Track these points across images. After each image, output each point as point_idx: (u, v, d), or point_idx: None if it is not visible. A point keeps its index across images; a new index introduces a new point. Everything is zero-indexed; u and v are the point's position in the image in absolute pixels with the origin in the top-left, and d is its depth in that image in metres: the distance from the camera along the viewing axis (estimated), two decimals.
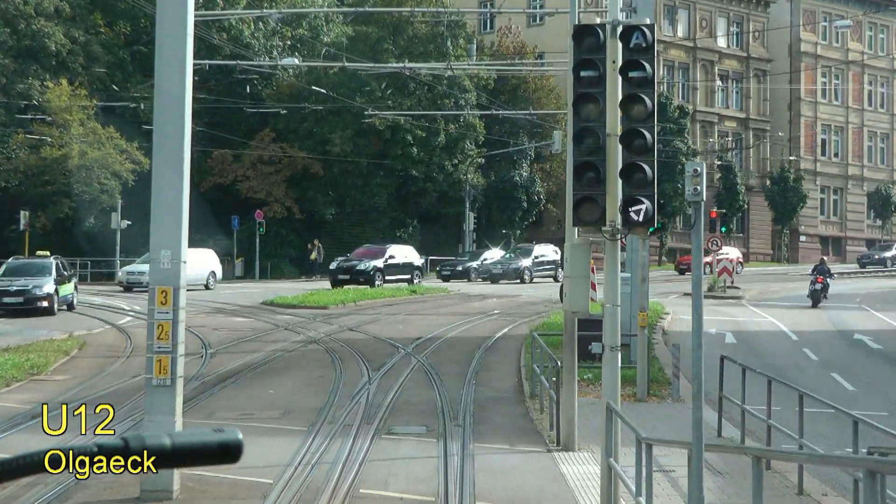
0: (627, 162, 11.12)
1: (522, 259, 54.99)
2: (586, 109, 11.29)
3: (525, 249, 57.01)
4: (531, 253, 55.74)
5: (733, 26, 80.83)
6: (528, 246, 58.13)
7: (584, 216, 11.49)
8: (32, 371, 21.03)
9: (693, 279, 8.04)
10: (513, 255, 56.37)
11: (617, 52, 11.32)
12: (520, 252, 56.57)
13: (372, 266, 47.69)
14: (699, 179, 7.96)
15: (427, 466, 13.52)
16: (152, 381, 11.35)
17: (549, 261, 55.24)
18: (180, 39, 11.34)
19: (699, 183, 7.93)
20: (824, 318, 37.12)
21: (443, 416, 16.83)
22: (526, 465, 13.82)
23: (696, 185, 7.89)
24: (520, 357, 24.34)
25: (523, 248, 57.57)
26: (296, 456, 13.75)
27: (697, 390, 8.29)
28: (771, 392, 13.95)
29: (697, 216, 7.84)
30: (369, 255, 49.16)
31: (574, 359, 14.66)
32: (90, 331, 29.11)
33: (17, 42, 56.14)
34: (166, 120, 11.41)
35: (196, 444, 2.12)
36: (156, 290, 11.30)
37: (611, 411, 10.92)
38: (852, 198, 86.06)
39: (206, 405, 17.83)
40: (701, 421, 8.44)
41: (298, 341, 27.37)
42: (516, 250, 57.41)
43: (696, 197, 7.94)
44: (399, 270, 49.01)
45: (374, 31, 63.38)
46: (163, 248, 11.35)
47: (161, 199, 11.44)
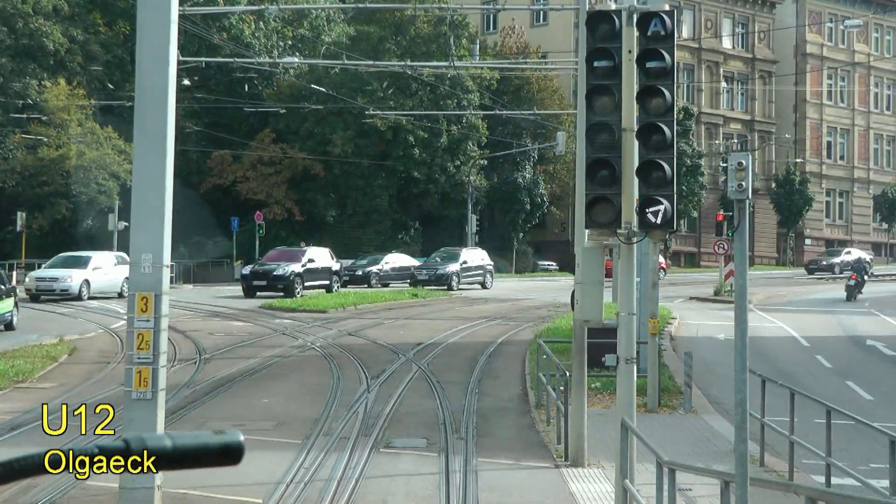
0: (645, 159, 10.30)
1: (449, 264, 50.20)
2: (600, 102, 10.48)
3: (452, 254, 51.89)
4: (458, 258, 50.87)
5: (738, 27, 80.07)
6: (456, 250, 52.97)
7: (597, 217, 10.66)
8: (17, 378, 20.23)
9: (737, 289, 7.13)
10: (438, 259, 51.66)
11: (633, 40, 10.51)
12: (446, 257, 51.66)
13: (290, 271, 43.08)
14: (744, 174, 7.05)
15: (428, 484, 12.73)
16: (132, 395, 10.54)
17: (476, 266, 50.98)
18: (163, 28, 10.52)
19: (744, 178, 7.01)
20: (834, 322, 36.36)
21: (444, 428, 16.04)
22: (533, 482, 13.01)
23: (740, 181, 6.97)
24: (524, 364, 23.58)
25: (450, 253, 52.27)
26: (288, 472, 12.95)
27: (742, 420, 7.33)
28: (794, 406, 13.12)
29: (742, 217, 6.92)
30: (285, 258, 44.62)
31: (584, 370, 13.85)
32: (82, 335, 28.35)
33: (14, 41, 55.53)
34: (148, 114, 10.59)
35: (197, 445, 2.13)
36: (135, 296, 10.49)
37: (626, 429, 10.09)
38: (858, 201, 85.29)
39: (197, 415, 17.04)
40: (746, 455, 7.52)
41: (296, 346, 26.63)
42: (442, 255, 52.28)
43: (740, 194, 7.00)
44: (318, 275, 44.59)
45: (375, 30, 62.65)
46: (143, 252, 10.53)
47: (142, 198, 10.62)
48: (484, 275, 51.07)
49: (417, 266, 52.08)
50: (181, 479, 11.76)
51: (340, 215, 62.59)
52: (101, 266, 41.18)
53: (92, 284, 40.38)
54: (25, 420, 16.15)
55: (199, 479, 11.97)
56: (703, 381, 21.58)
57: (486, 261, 51.79)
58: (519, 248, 67.87)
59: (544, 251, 69.73)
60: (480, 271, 51.17)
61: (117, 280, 40.91)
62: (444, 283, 49.08)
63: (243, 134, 61.23)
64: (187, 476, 11.91)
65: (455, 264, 50.25)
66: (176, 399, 18.28)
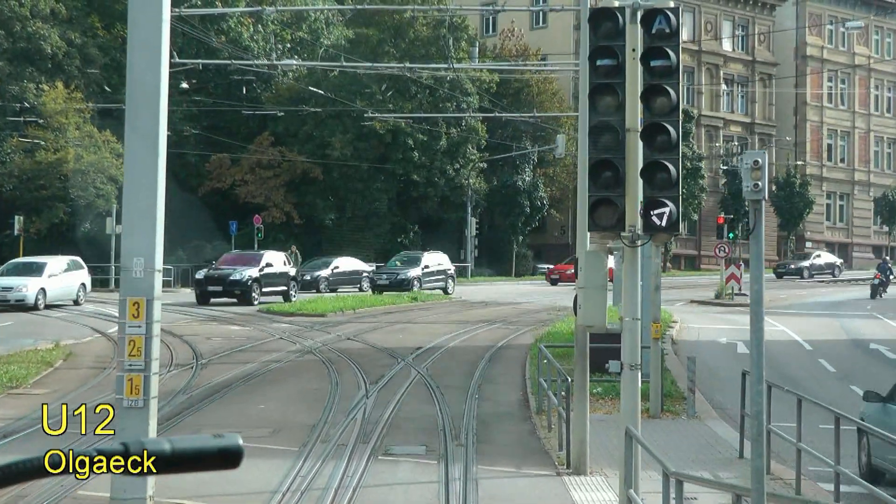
0: (649, 160, 10.02)
1: (410, 269, 48.51)
2: (603, 102, 10.20)
3: (413, 258, 50.33)
4: (419, 262, 49.24)
5: (738, 29, 79.86)
6: (417, 254, 51.44)
7: (600, 220, 10.38)
8: (10, 384, 19.96)
9: (752, 295, 6.81)
10: (398, 263, 50.05)
11: (637, 38, 10.24)
12: (407, 261, 50.14)
13: (248, 276, 40.06)
14: (760, 173, 6.71)
15: (427, 493, 12.46)
16: (123, 403, 10.26)
17: (439, 271, 49.44)
18: (155, 26, 10.26)
19: (760, 178, 6.67)
20: (837, 326, 36.11)
21: (444, 434, 15.78)
22: (534, 491, 12.75)
23: (756, 180, 6.63)
24: (524, 368, 23.32)
25: (410, 257, 50.81)
26: (284, 481, 12.68)
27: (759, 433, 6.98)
28: (801, 412, 12.85)
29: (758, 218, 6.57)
30: (242, 262, 41.64)
31: (586, 376, 13.58)
32: (79, 340, 28.08)
33: (12, 44, 55.28)
34: (140, 113, 10.31)
35: (196, 449, 2.16)
36: (127, 301, 10.21)
37: (631, 438, 9.81)
38: (859, 203, 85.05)
39: (192, 422, 16.77)
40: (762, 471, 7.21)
41: (294, 351, 26.37)
42: (403, 259, 50.83)
43: (756, 194, 6.65)
44: (276, 281, 41.66)
45: (374, 33, 62.42)
46: (135, 256, 10.24)
47: (134, 200, 10.35)
48: (445, 279, 49.54)
49: (377, 270, 50.35)
50: (174, 488, 11.50)
51: (339, 219, 62.31)
52: (56, 273, 38.59)
53: (48, 293, 37.59)
54: (18, 427, 15.90)
55: (193, 489, 11.71)
56: (706, 385, 21.33)
57: (448, 265, 50.48)
58: (518, 251, 67.63)
59: (544, 254, 69.47)
60: (442, 276, 49.60)
61: (72, 287, 38.74)
62: (404, 287, 46.86)
63: (242, 137, 60.96)
64: (180, 486, 11.65)
65: (416, 269, 48.55)
66: (171, 405, 18.04)
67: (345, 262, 51.38)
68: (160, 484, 10.91)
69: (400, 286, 46.85)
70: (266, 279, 41.13)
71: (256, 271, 40.69)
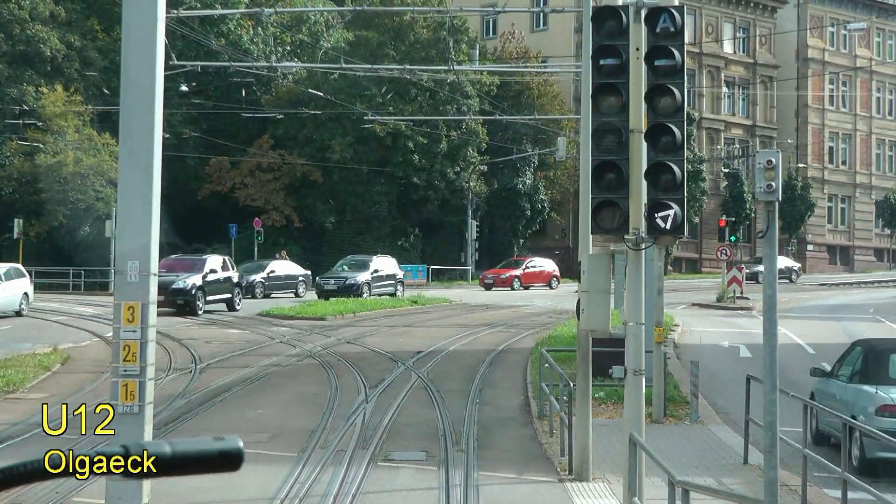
0: (654, 161, 9.84)
1: (359, 273, 47.04)
2: (607, 102, 10.02)
3: (361, 262, 48.86)
4: (368, 266, 47.89)
5: (739, 32, 79.71)
6: (365, 258, 49.92)
7: (603, 223, 10.18)
8: (7, 389, 19.77)
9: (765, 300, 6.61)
10: (346, 267, 48.51)
11: (641, 37, 10.05)
12: (355, 265, 48.67)
13: (191, 284, 36.78)
14: (774, 173, 6.50)
15: (427, 499, 12.27)
16: (118, 409, 10.09)
17: (388, 275, 48.46)
18: (149, 26, 10.09)
19: (774, 178, 6.46)
20: (839, 329, 35.87)
21: (444, 440, 15.58)
22: (536, 497, 12.56)
23: (770, 181, 6.42)
24: (525, 373, 23.12)
25: (359, 262, 49.15)
26: (283, 487, 12.48)
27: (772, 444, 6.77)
28: (808, 418, 12.65)
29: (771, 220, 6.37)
30: (182, 268, 37.96)
31: (588, 381, 13.38)
32: (77, 343, 27.89)
33: (11, 47, 55.18)
34: (135, 115, 10.15)
35: (196, 451, 2.16)
36: (121, 306, 10.04)
37: (635, 444, 9.62)
38: (860, 206, 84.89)
39: (190, 426, 16.58)
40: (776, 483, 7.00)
41: (293, 355, 26.17)
42: (350, 263, 49.29)
43: (769, 195, 6.44)
44: (219, 288, 38.63)
45: (374, 35, 62.26)
46: (130, 260, 10.08)
47: (128, 203, 10.18)
48: (395, 284, 48.77)
49: (323, 275, 48.68)
50: (170, 495, 11.32)
51: (339, 222, 62.14)
52: None
53: None
54: (14, 433, 15.71)
55: (189, 495, 11.53)
56: (709, 389, 21.14)
57: (398, 270, 49.85)
58: (519, 254, 67.43)
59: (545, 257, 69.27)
60: (392, 281, 48.77)
61: (14, 297, 35.19)
62: (352, 293, 45.22)
63: (241, 140, 60.80)
64: (177, 492, 11.47)
65: (366, 273, 47.15)
66: (170, 410, 17.87)
67: (280, 265, 49.59)
68: (156, 491, 10.74)
69: (348, 291, 45.30)
70: (210, 286, 37.86)
71: (200, 278, 37.30)
